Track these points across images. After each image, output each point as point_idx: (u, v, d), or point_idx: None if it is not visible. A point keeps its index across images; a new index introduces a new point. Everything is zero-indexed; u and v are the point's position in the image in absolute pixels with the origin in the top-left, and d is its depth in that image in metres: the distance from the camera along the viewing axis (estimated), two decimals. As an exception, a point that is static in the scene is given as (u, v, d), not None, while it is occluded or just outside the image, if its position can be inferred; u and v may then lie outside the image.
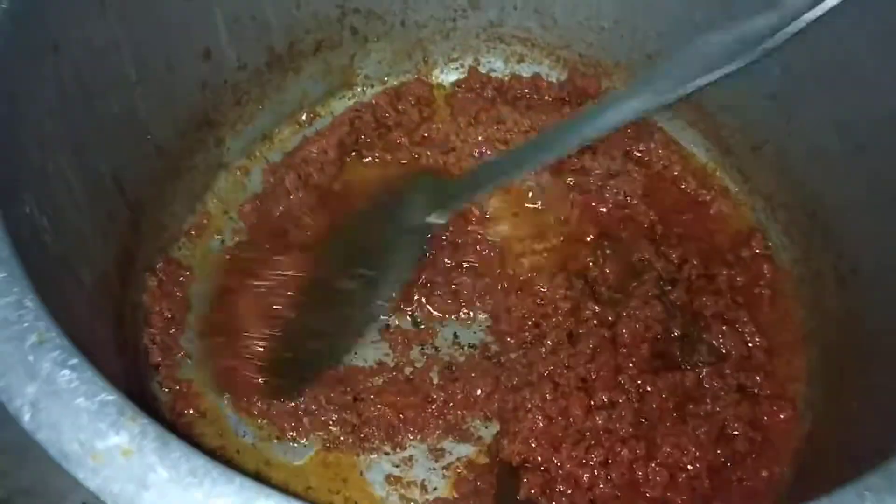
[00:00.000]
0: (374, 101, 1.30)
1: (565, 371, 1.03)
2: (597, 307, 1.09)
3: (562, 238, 1.18)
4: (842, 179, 1.06)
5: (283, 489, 0.96)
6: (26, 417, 0.53)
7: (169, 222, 1.13)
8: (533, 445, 0.98)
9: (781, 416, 1.03)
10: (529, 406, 1.00)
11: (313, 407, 1.03)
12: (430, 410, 1.04)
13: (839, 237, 1.07)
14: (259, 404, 1.03)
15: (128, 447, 0.52)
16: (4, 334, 0.56)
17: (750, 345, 1.08)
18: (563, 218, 1.19)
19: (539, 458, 0.98)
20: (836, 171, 1.07)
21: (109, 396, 0.53)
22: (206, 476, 0.51)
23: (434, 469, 1.01)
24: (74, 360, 0.55)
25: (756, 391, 1.05)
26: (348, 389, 1.05)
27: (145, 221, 1.07)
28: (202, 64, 1.11)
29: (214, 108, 1.16)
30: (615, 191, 1.20)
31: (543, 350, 1.06)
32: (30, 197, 0.72)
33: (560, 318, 1.08)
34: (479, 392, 1.04)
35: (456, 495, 0.99)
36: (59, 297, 0.74)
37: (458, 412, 1.04)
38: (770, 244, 1.18)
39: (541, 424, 0.98)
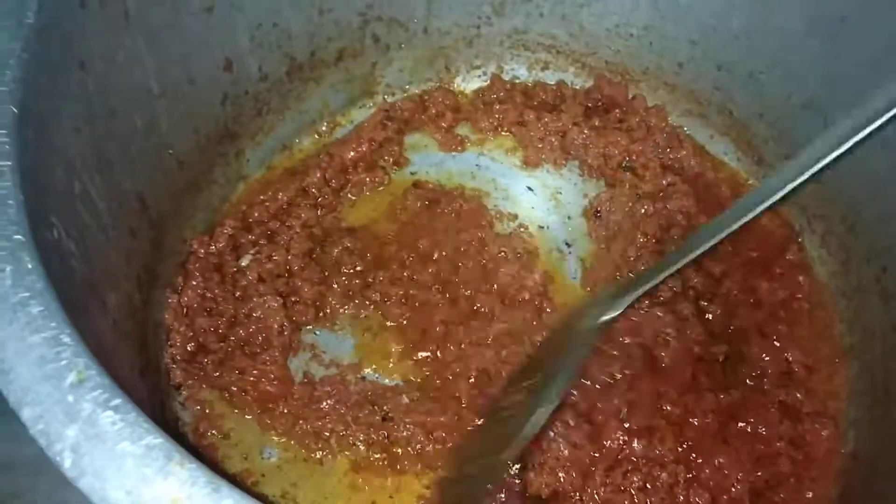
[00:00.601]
0: (400, 105, 1.28)
1: (599, 405, 0.99)
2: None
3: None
4: (883, 189, 1.03)
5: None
6: (67, 463, 0.50)
7: (189, 237, 1.10)
8: (561, 476, 0.94)
9: (824, 434, 1.00)
10: (552, 434, 0.96)
11: (341, 427, 1.00)
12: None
13: (882, 249, 1.04)
14: (283, 421, 1.00)
15: (177, 495, 0.49)
16: (42, 373, 0.53)
17: (790, 360, 1.05)
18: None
19: (570, 488, 0.94)
20: (876, 181, 1.04)
21: (156, 440, 0.50)
22: (261, 525, 0.48)
23: (465, 491, 0.98)
24: (117, 401, 0.51)
25: (797, 409, 1.02)
26: (376, 408, 1.01)
27: (166, 237, 1.04)
28: (223, 75, 1.08)
29: (235, 119, 1.14)
30: (674, 209, 1.17)
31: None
32: (57, 221, 0.69)
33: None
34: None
35: None
36: (88, 324, 0.71)
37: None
38: (806, 256, 1.15)
39: (566, 452, 0.95)
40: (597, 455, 0.95)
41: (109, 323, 0.82)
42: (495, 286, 1.10)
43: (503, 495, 0.96)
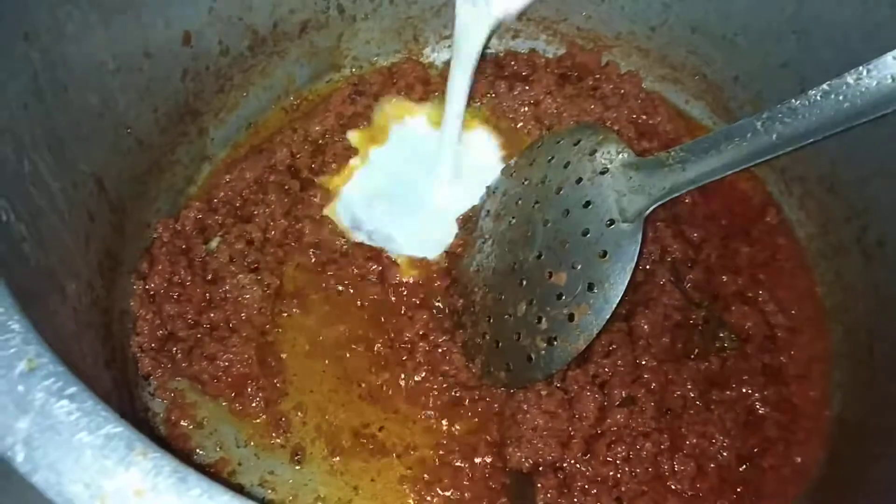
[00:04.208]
0: (369, 78, 1.24)
1: (568, 371, 0.97)
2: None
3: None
4: (862, 149, 1.01)
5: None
6: (20, 458, 0.46)
7: (153, 220, 1.06)
8: (539, 446, 0.92)
9: (811, 395, 1.00)
10: (525, 407, 0.94)
11: (316, 410, 0.98)
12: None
13: (862, 209, 1.03)
14: (254, 405, 0.97)
15: (140, 486, 0.45)
16: (-11, 362, 0.49)
17: (772, 323, 1.04)
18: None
19: (549, 458, 0.92)
20: (855, 141, 1.01)
21: (115, 429, 0.47)
22: (233, 515, 0.45)
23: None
24: (72, 389, 0.48)
25: (783, 372, 1.01)
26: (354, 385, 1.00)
27: (128, 221, 1.00)
28: (182, 49, 1.04)
29: (196, 96, 1.09)
30: None
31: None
32: (6, 203, 0.65)
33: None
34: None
35: (469, 495, 0.94)
36: (44, 312, 0.67)
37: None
38: (785, 219, 1.13)
39: (540, 422, 0.92)
40: (574, 423, 0.93)
41: (69, 311, 0.78)
42: None
43: (487, 471, 0.94)
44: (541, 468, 0.93)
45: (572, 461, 0.92)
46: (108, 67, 0.90)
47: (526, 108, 1.22)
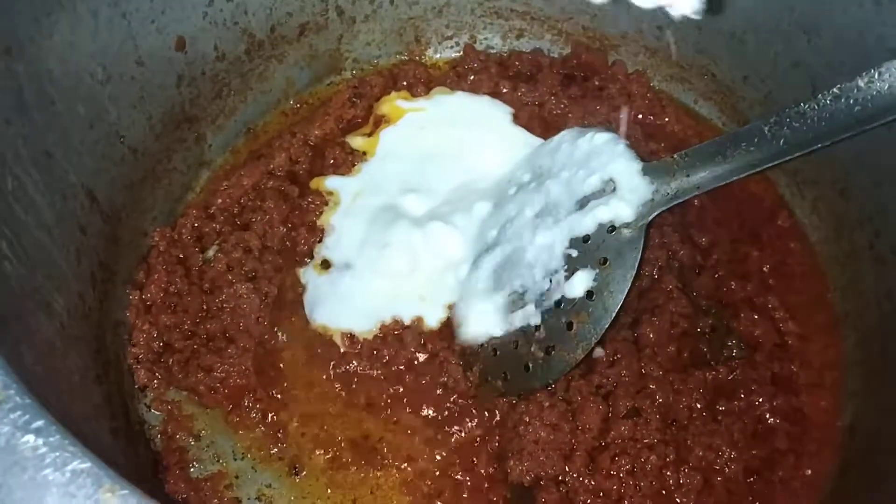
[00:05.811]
0: (370, 81, 1.21)
1: (572, 381, 0.95)
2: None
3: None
4: (875, 152, 0.98)
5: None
6: (-17, 496, 0.45)
7: (149, 229, 1.05)
8: (542, 459, 0.90)
9: (822, 405, 0.97)
10: (528, 419, 0.91)
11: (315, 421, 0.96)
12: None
13: (875, 213, 0.99)
14: (252, 416, 0.96)
15: (107, 526, 0.44)
16: (-48, 395, 0.48)
17: (783, 330, 1.01)
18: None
19: (551, 471, 0.90)
20: (868, 144, 0.98)
21: (83, 464, 0.45)
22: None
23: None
24: (39, 423, 0.46)
25: (793, 381, 0.98)
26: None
27: (123, 231, 0.99)
28: (176, 55, 1.02)
29: (192, 102, 1.08)
30: None
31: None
32: (-16, 221, 0.64)
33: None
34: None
35: None
36: (24, 332, 0.66)
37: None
38: (797, 222, 1.10)
39: (543, 434, 0.90)
40: (577, 436, 0.91)
41: (56, 327, 0.77)
42: None
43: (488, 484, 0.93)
44: (542, 482, 0.91)
45: (575, 475, 0.90)
46: (97, 77, 0.89)
47: (530, 110, 1.19)
